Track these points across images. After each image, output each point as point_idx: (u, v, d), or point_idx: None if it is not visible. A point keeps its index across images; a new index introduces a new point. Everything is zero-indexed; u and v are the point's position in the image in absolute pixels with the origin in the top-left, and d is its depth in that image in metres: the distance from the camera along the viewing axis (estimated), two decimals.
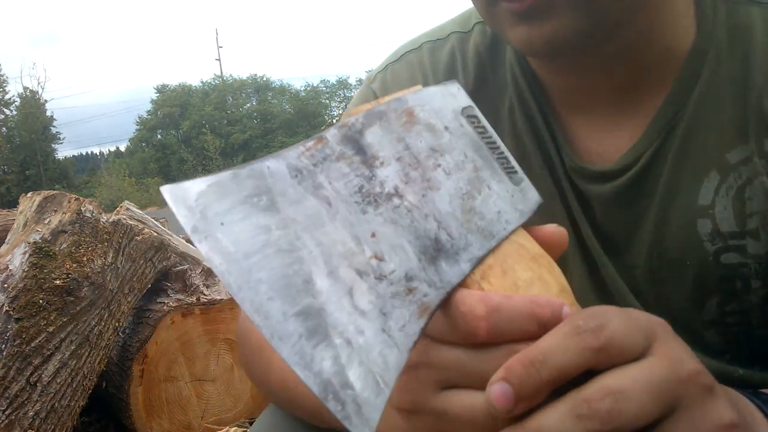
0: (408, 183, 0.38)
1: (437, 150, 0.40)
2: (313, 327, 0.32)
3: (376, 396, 0.33)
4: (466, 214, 0.39)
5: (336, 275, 0.34)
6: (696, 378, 0.36)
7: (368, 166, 0.38)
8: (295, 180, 0.35)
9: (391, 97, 0.41)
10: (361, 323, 0.33)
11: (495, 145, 0.44)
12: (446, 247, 0.38)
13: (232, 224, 0.33)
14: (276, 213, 0.34)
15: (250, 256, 0.32)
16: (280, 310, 0.32)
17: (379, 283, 0.35)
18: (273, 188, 0.34)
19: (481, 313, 0.36)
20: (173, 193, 0.33)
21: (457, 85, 0.45)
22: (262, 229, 0.33)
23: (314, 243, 0.34)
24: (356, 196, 0.36)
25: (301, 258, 0.33)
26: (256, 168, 0.35)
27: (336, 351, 0.32)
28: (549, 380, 0.34)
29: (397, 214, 0.37)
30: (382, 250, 0.36)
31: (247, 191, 0.34)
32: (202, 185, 0.33)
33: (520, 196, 0.43)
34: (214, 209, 0.33)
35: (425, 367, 0.40)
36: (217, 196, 0.33)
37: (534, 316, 0.36)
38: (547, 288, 0.40)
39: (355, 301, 0.34)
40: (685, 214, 0.66)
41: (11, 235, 2.02)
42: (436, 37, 0.81)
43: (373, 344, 0.33)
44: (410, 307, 0.35)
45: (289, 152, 0.36)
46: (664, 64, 0.66)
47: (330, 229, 0.35)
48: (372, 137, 0.39)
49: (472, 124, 0.44)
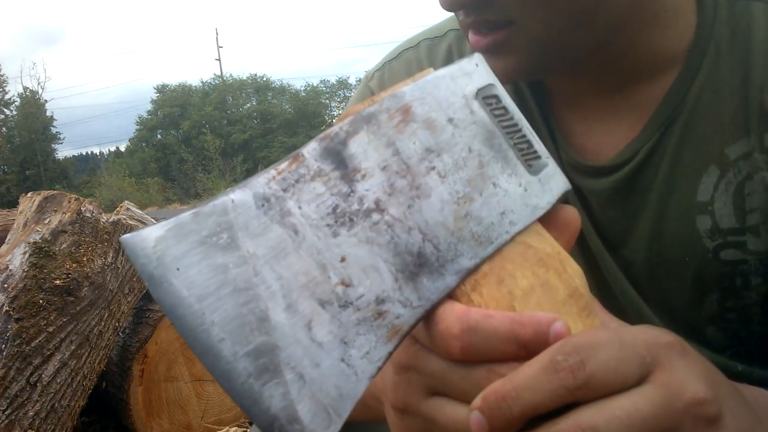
0: (392, 194, 0.36)
1: (433, 150, 0.37)
2: (264, 365, 0.32)
3: (325, 428, 0.33)
4: (459, 221, 0.37)
5: (294, 308, 0.33)
6: (695, 408, 0.34)
7: (348, 180, 0.36)
8: (260, 210, 0.34)
9: (389, 92, 0.39)
10: (318, 355, 0.33)
11: (515, 128, 0.40)
12: (430, 260, 0.36)
13: (188, 268, 0.32)
14: (236, 250, 0.33)
15: (204, 299, 0.32)
16: (231, 351, 0.32)
17: (344, 310, 0.34)
18: (234, 223, 0.33)
19: (456, 332, 0.35)
20: (131, 243, 0.32)
21: (476, 60, 0.41)
22: (219, 269, 0.33)
23: (274, 277, 0.33)
24: (328, 219, 0.35)
25: (257, 295, 0.33)
26: (219, 203, 0.34)
27: (286, 387, 0.32)
28: (521, 416, 0.33)
29: (374, 232, 0.35)
30: (351, 275, 0.35)
31: (206, 230, 0.33)
32: (161, 230, 0.33)
33: (537, 187, 0.39)
34: (172, 254, 0.32)
35: (415, 372, 0.40)
36: (175, 240, 0.32)
37: (513, 337, 0.35)
38: (551, 295, 0.37)
39: (312, 334, 0.33)
40: (683, 210, 0.65)
41: (11, 235, 2.02)
42: (434, 35, 0.81)
43: (329, 376, 0.33)
44: (378, 331, 0.35)
45: (258, 179, 0.35)
46: (663, 60, 0.66)
47: (293, 260, 0.34)
48: (356, 146, 0.36)
49: (489, 106, 0.40)
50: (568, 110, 0.72)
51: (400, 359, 0.40)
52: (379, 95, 0.39)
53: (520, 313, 0.36)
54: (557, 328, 0.35)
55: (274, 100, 41.14)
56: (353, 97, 0.90)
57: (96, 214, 1.98)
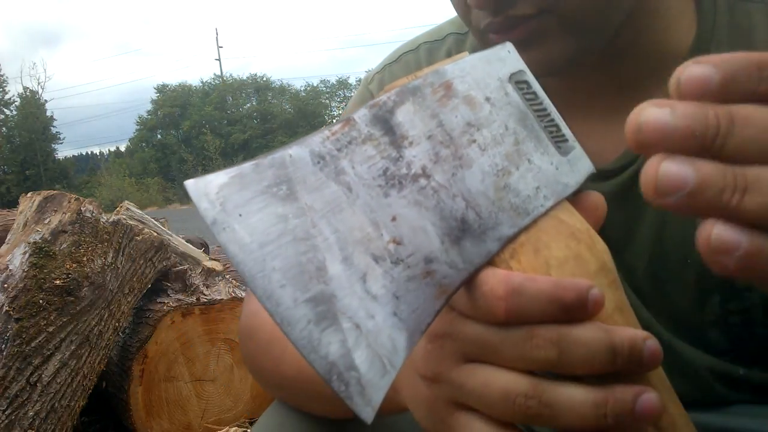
0: (437, 162, 0.38)
1: (474, 125, 0.39)
2: (323, 312, 0.33)
3: (380, 377, 0.34)
4: (498, 191, 0.39)
5: (350, 261, 0.34)
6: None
7: (396, 146, 0.37)
8: (316, 167, 0.35)
9: (430, 69, 0.41)
10: (372, 308, 0.34)
11: (545, 112, 0.43)
12: (473, 227, 0.38)
13: (250, 215, 0.33)
14: (294, 202, 0.34)
15: (266, 245, 0.33)
16: (291, 297, 0.33)
17: (395, 267, 0.35)
18: (293, 177, 0.35)
19: (501, 294, 0.36)
20: (196, 187, 0.33)
21: (508, 47, 0.44)
22: (279, 218, 0.34)
23: (330, 230, 0.35)
24: (379, 180, 0.37)
25: (315, 245, 0.34)
26: (277, 157, 0.35)
27: (343, 335, 0.33)
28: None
29: (422, 196, 0.37)
30: (402, 234, 0.36)
31: (267, 181, 0.34)
32: (224, 178, 0.34)
33: (567, 167, 0.42)
34: (234, 201, 0.33)
35: (449, 339, 0.40)
36: (237, 187, 0.34)
37: (556, 300, 0.36)
38: (583, 266, 0.39)
39: (367, 286, 0.34)
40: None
41: (11, 235, 2.02)
42: (434, 39, 0.82)
43: (383, 328, 0.34)
44: (426, 290, 0.36)
45: (313, 138, 0.36)
46: (664, 62, 0.66)
47: (348, 215, 0.35)
48: (403, 116, 0.38)
49: (521, 90, 0.42)
50: (569, 113, 0.71)
51: (434, 328, 0.41)
52: (422, 71, 0.41)
53: (560, 278, 0.37)
54: (594, 294, 0.36)
55: (274, 100, 41.16)
56: (353, 99, 0.90)
57: (96, 214, 1.98)
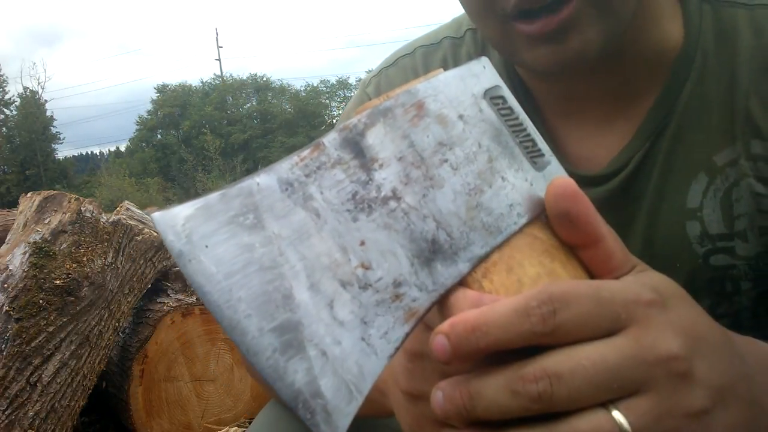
0: (408, 184, 0.38)
1: (446, 144, 0.39)
2: (289, 341, 0.34)
3: (347, 404, 0.34)
4: (470, 210, 0.39)
5: (317, 288, 0.35)
6: (667, 363, 0.35)
7: (366, 169, 0.37)
8: (284, 194, 0.36)
9: (402, 89, 0.41)
10: (339, 333, 0.35)
11: (520, 127, 0.42)
12: (444, 247, 0.38)
13: (216, 246, 0.34)
14: (261, 230, 0.35)
15: (232, 275, 0.33)
16: (257, 326, 0.33)
17: (363, 292, 0.36)
18: (260, 205, 0.35)
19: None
20: (162, 219, 0.34)
21: (484, 62, 0.43)
22: (245, 248, 0.34)
23: (298, 257, 0.35)
24: (348, 204, 0.37)
25: (282, 274, 0.34)
26: (245, 186, 0.35)
27: (310, 362, 0.34)
28: (486, 349, 0.34)
29: (391, 219, 0.37)
30: (370, 258, 0.36)
31: (233, 211, 0.35)
32: (190, 209, 0.34)
33: (542, 183, 0.41)
34: (200, 232, 0.34)
35: (429, 359, 0.41)
36: (204, 218, 0.34)
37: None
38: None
39: (334, 312, 0.35)
40: (674, 217, 0.66)
41: (11, 235, 2.02)
42: (430, 42, 0.82)
43: (350, 354, 0.35)
44: (395, 313, 0.36)
45: (282, 164, 0.37)
46: (653, 67, 0.67)
47: (316, 242, 0.35)
48: (373, 138, 0.38)
49: (496, 106, 0.42)
50: (560, 120, 0.72)
51: (413, 346, 0.41)
52: (394, 91, 0.41)
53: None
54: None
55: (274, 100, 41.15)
56: (351, 102, 0.90)
57: (96, 214, 1.98)
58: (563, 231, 0.39)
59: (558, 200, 0.38)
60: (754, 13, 0.64)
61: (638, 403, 0.34)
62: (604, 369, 0.33)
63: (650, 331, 0.35)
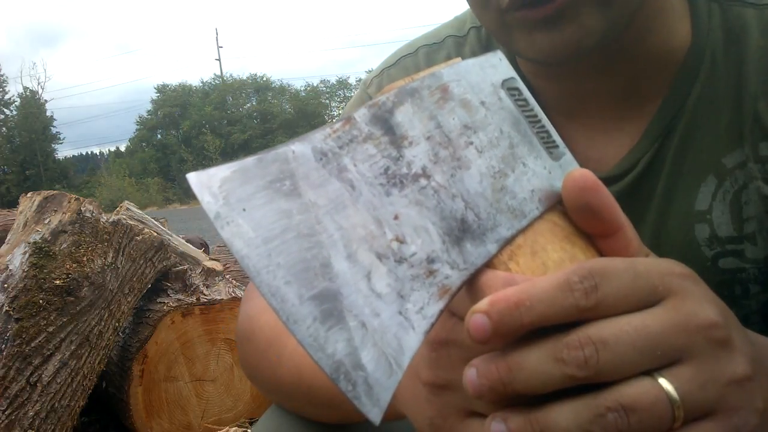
0: (437, 163, 0.38)
1: (470, 127, 0.40)
2: (329, 310, 0.33)
3: (387, 377, 0.33)
4: (496, 193, 0.39)
5: (355, 259, 0.34)
6: (708, 330, 0.35)
7: (396, 146, 0.38)
8: (319, 163, 0.35)
9: (426, 72, 0.41)
10: (378, 306, 0.34)
11: (536, 118, 0.43)
12: (473, 227, 0.38)
13: (253, 210, 0.33)
14: (298, 197, 0.34)
15: (270, 241, 0.33)
16: (297, 294, 0.32)
17: (399, 265, 0.35)
18: (296, 172, 0.35)
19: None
20: (198, 179, 0.33)
21: (499, 55, 0.44)
22: (283, 213, 0.34)
23: (335, 227, 0.34)
24: (381, 178, 0.37)
25: (320, 242, 0.34)
26: (280, 152, 0.35)
27: (350, 333, 0.33)
28: (529, 325, 0.34)
29: (422, 195, 0.37)
30: (404, 233, 0.36)
31: (270, 176, 0.34)
32: (227, 171, 0.33)
33: (558, 172, 0.42)
34: (237, 195, 0.33)
35: (455, 346, 0.40)
36: (240, 181, 0.33)
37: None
38: None
39: (372, 284, 0.34)
40: (682, 219, 0.65)
41: (11, 235, 2.02)
42: (432, 42, 0.81)
43: (389, 326, 0.34)
44: (430, 289, 0.36)
45: (315, 135, 0.36)
46: (661, 67, 0.66)
47: (352, 213, 0.35)
48: (402, 116, 0.38)
49: (512, 96, 0.43)
50: (567, 120, 0.71)
51: (437, 335, 0.41)
52: (417, 74, 0.41)
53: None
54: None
55: (274, 100, 41.16)
56: (351, 102, 0.89)
57: (96, 214, 1.98)
58: (584, 222, 0.40)
59: (579, 192, 0.38)
60: (764, 13, 0.64)
61: (682, 371, 0.34)
62: (647, 335, 0.34)
63: (687, 300, 0.36)
